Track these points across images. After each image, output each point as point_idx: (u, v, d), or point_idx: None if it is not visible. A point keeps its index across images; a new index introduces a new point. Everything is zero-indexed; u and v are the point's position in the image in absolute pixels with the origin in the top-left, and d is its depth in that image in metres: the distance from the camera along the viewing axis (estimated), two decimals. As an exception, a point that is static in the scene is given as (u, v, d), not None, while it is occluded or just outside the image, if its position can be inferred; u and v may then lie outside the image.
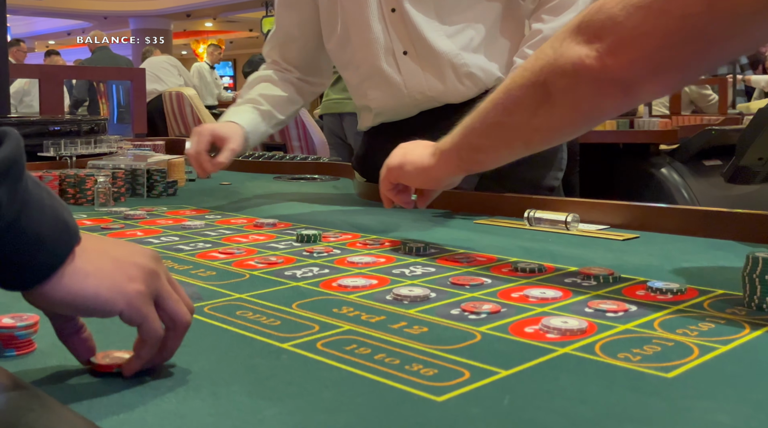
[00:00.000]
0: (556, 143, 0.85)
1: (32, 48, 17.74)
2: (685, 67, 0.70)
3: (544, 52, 0.77)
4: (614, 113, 0.79)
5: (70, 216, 0.50)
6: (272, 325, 0.66)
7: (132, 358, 0.53)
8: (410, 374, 0.53)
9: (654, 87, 0.72)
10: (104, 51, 6.80)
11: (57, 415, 0.41)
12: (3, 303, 0.70)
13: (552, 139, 0.85)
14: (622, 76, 0.71)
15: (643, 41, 0.68)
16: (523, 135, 0.83)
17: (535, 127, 0.81)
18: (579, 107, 0.77)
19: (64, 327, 0.53)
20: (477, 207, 1.32)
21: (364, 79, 1.47)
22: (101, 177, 1.41)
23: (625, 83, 0.72)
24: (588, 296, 0.75)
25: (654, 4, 0.66)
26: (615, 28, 0.69)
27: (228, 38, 18.19)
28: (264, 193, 1.66)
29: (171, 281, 0.55)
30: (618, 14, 0.69)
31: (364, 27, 1.40)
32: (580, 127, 0.82)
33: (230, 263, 0.91)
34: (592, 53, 0.71)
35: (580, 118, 0.79)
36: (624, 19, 0.68)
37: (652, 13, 0.67)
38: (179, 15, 14.57)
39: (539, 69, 0.77)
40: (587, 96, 0.75)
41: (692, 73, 0.73)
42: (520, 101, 0.80)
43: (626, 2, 0.68)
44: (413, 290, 0.75)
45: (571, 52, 0.73)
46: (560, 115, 0.78)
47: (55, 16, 14.06)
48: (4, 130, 0.48)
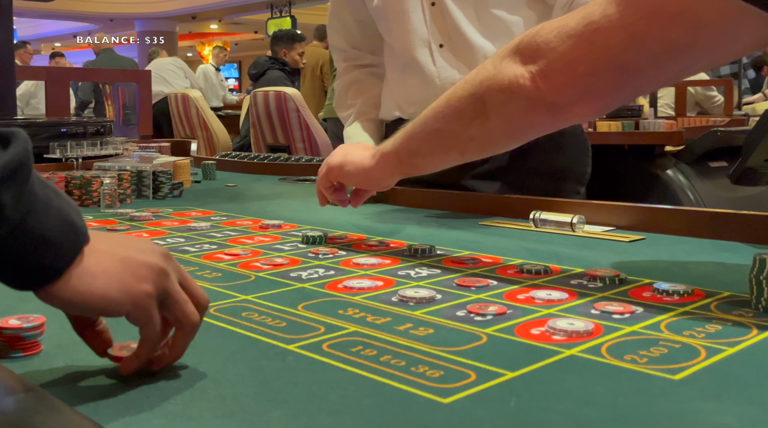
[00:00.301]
0: (490, 154, 0.90)
1: (38, 50, 17.81)
2: (609, 94, 0.75)
3: (485, 67, 0.82)
4: (545, 130, 0.83)
5: (78, 217, 0.50)
6: (278, 327, 0.66)
7: (131, 356, 0.53)
8: (416, 375, 0.53)
9: (581, 110, 0.77)
10: (109, 53, 6.81)
11: (64, 417, 0.41)
12: (9, 305, 0.71)
13: (486, 150, 0.89)
14: (551, 97, 0.75)
15: (572, 68, 0.73)
16: (459, 143, 0.87)
17: (470, 136, 0.85)
18: (511, 122, 0.81)
19: (79, 320, 0.54)
20: (482, 208, 1.32)
21: (400, 67, 1.48)
22: (107, 178, 1.41)
23: (554, 104, 0.76)
24: (594, 298, 0.75)
25: (583, 34, 0.71)
26: (548, 53, 0.74)
27: (233, 40, 18.21)
28: (269, 195, 1.66)
29: (183, 278, 0.55)
30: (552, 40, 0.73)
31: (403, 17, 1.43)
32: (512, 141, 0.87)
33: (236, 264, 0.92)
34: (527, 74, 0.76)
35: (512, 132, 0.84)
36: (556, 46, 0.73)
37: (581, 43, 0.71)
38: (185, 17, 14.60)
39: (479, 82, 0.82)
40: (519, 112, 0.79)
41: (615, 100, 0.77)
42: (458, 111, 0.84)
43: (560, 30, 0.73)
44: (419, 291, 0.75)
45: (509, 70, 0.77)
46: (494, 128, 0.82)
47: (61, 19, 14.10)
48: (11, 131, 0.48)
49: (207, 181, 1.91)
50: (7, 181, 0.45)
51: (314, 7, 13.67)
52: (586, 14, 0.71)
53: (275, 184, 1.88)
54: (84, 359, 0.57)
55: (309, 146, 4.20)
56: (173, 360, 0.54)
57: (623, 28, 0.68)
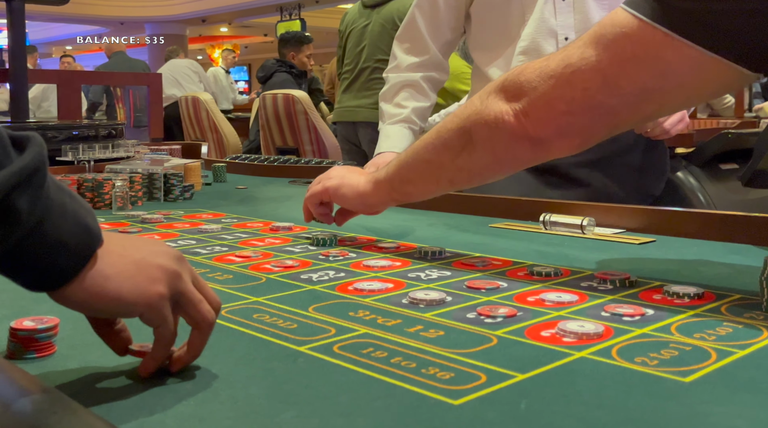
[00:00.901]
0: (477, 183, 0.94)
1: (49, 53, 17.92)
2: (586, 132, 0.79)
3: (473, 102, 0.85)
4: (529, 163, 0.87)
5: (92, 220, 0.51)
6: (289, 328, 0.66)
7: (148, 358, 0.53)
8: (427, 377, 0.53)
9: (561, 145, 0.81)
10: (121, 55, 6.84)
11: (79, 418, 0.41)
12: (23, 307, 0.71)
13: (473, 180, 0.92)
14: (533, 133, 0.79)
15: (551, 106, 0.77)
16: (448, 173, 0.91)
17: (458, 167, 0.89)
18: (496, 155, 0.85)
19: (97, 320, 0.54)
20: (492, 211, 1.32)
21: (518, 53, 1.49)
22: (119, 181, 1.42)
23: (536, 139, 0.80)
24: (604, 300, 0.75)
25: (562, 75, 0.75)
26: (530, 92, 0.78)
27: (243, 43, 18.27)
28: (279, 197, 1.66)
29: (196, 280, 0.55)
30: (533, 80, 0.78)
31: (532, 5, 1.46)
32: (498, 172, 0.90)
33: (247, 266, 0.92)
34: (510, 111, 0.80)
35: (497, 164, 0.87)
36: (537, 85, 0.77)
37: (560, 83, 0.76)
38: (195, 20, 14.66)
39: (466, 117, 0.86)
40: (504, 146, 0.83)
41: (593, 137, 0.81)
42: (447, 143, 0.89)
43: (541, 70, 0.77)
44: (429, 294, 0.76)
45: (494, 106, 0.81)
46: (480, 160, 0.86)
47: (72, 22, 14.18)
48: (27, 135, 0.49)
49: (217, 183, 1.92)
50: (22, 186, 0.46)
51: (324, 10, 13.70)
52: (565, 56, 0.76)
53: (285, 186, 1.88)
54: (97, 360, 0.57)
55: (317, 148, 4.21)
56: (191, 361, 0.55)
57: (598, 71, 0.73)
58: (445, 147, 0.89)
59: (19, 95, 2.18)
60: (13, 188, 0.45)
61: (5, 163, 0.46)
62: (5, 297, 0.75)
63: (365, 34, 3.33)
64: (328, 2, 13.03)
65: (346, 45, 3.46)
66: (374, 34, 3.30)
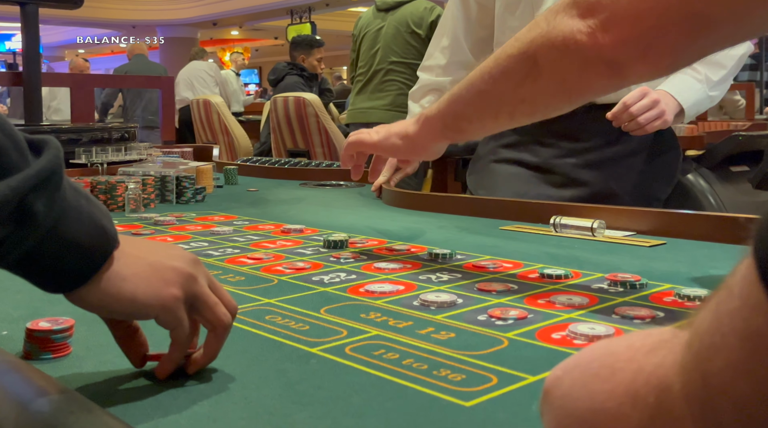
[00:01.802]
0: (540, 117, 0.84)
1: (62, 56, 18.03)
2: (677, 50, 0.68)
3: (538, 23, 0.76)
4: (601, 92, 0.78)
5: (108, 222, 0.52)
6: (301, 330, 0.66)
7: (164, 360, 0.54)
8: (438, 379, 0.54)
9: (643, 68, 0.70)
10: (141, 58, 6.85)
11: (96, 418, 0.42)
12: (39, 308, 0.72)
13: (537, 112, 0.83)
14: (611, 54, 0.69)
15: (638, 19, 0.66)
16: (508, 105, 0.82)
17: (520, 97, 0.80)
18: (565, 81, 0.75)
19: (117, 330, 0.55)
20: (503, 213, 1.32)
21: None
22: (131, 183, 1.43)
23: (613, 62, 0.70)
24: (615, 302, 0.75)
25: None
26: (610, 4, 0.67)
27: (254, 46, 18.33)
28: (290, 199, 1.67)
29: (212, 283, 0.56)
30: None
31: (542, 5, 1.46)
32: (564, 103, 0.80)
33: (259, 268, 0.93)
34: (585, 29, 0.69)
35: (565, 92, 0.78)
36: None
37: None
38: (206, 23, 14.74)
39: (530, 40, 0.76)
40: (575, 71, 0.73)
41: (683, 58, 0.70)
42: (508, 70, 0.79)
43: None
44: (440, 296, 0.76)
45: (564, 25, 0.71)
46: (545, 88, 0.77)
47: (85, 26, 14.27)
48: (44, 139, 0.49)
49: (229, 185, 1.93)
50: (39, 188, 0.46)
51: (334, 13, 13.73)
52: None
53: (296, 188, 1.89)
54: (112, 361, 0.58)
55: (328, 151, 4.23)
56: (207, 363, 0.55)
57: None
58: (504, 75, 0.79)
59: (33, 99, 2.20)
60: (30, 190, 0.45)
61: (22, 166, 0.46)
62: (21, 298, 0.76)
63: (379, 37, 3.37)
64: (338, 5, 13.08)
65: (360, 48, 3.49)
66: (388, 37, 3.34)
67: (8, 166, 0.46)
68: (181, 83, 6.67)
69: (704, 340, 0.28)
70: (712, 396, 0.27)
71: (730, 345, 0.27)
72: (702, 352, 0.28)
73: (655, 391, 0.30)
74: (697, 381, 0.28)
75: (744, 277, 0.27)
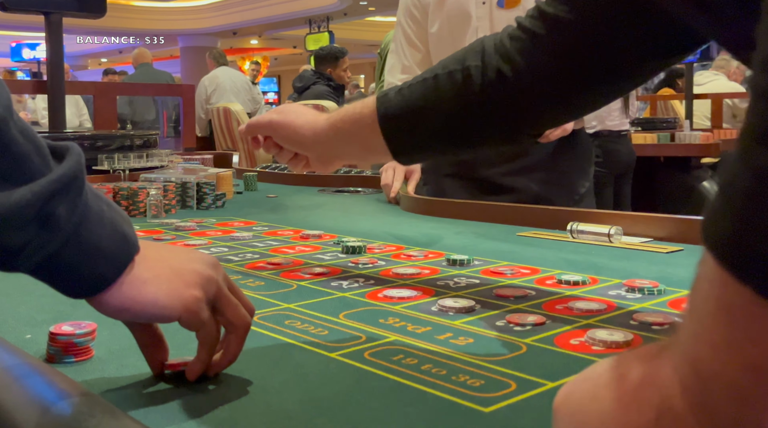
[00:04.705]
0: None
1: (85, 65, 18.24)
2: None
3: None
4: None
5: (129, 227, 0.52)
6: (320, 335, 0.67)
7: (194, 361, 0.54)
8: (457, 384, 0.54)
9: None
10: (146, 67, 6.87)
11: (118, 421, 0.42)
12: (62, 312, 0.73)
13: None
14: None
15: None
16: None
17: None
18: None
19: (142, 337, 0.55)
20: (520, 219, 1.32)
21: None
22: (153, 189, 1.45)
23: None
24: (633, 309, 0.75)
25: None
26: None
27: (273, 55, 18.44)
28: (309, 205, 1.68)
29: (231, 285, 0.57)
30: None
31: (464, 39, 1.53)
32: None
33: (278, 273, 0.93)
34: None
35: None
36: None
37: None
38: (226, 33, 14.85)
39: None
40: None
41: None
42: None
43: None
44: (458, 301, 0.76)
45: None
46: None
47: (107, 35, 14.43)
48: (66, 145, 0.50)
49: (248, 192, 1.94)
50: (61, 194, 0.47)
51: (351, 23, 13.78)
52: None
53: (315, 194, 1.90)
54: (134, 365, 0.58)
55: (346, 158, 4.23)
56: (229, 364, 0.56)
57: None
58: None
59: (57, 106, 2.23)
60: (52, 195, 0.46)
61: (45, 172, 0.47)
62: (44, 302, 0.77)
63: None
64: (355, 15, 13.12)
65: (385, 61, 3.53)
66: None
67: (31, 171, 0.46)
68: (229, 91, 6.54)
69: (687, 332, 0.30)
70: (705, 382, 0.28)
71: (709, 327, 0.28)
72: (688, 344, 0.29)
73: (658, 392, 0.31)
74: (690, 374, 0.29)
75: (704, 262, 0.29)
